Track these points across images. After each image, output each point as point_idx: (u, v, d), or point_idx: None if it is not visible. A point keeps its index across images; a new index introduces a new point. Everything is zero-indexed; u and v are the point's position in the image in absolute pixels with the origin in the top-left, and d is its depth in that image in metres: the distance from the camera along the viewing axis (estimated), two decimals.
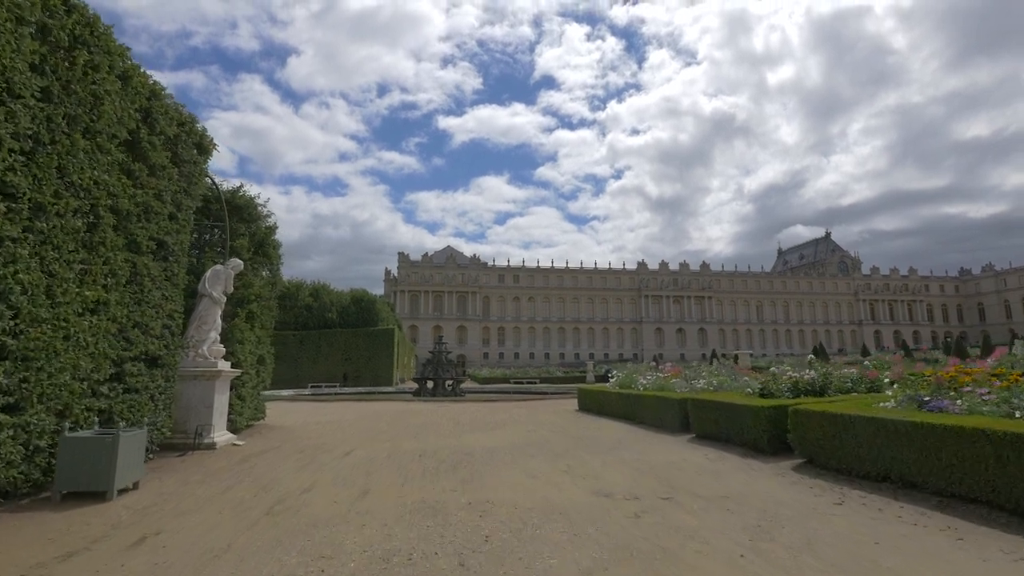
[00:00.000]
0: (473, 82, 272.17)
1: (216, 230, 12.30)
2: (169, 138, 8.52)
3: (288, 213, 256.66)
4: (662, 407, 10.72)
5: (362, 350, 41.54)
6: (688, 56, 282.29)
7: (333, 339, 41.78)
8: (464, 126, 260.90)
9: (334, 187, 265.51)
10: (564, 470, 7.12)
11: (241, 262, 10.71)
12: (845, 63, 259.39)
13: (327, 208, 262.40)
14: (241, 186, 13.34)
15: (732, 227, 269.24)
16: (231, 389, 11.41)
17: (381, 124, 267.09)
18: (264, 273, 14.26)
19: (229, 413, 11.07)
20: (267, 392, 29.67)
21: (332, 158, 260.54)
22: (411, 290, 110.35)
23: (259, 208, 13.71)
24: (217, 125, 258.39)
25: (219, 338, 10.38)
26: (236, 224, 12.97)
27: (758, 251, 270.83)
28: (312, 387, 37.31)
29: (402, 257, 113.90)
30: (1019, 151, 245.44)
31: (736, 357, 45.50)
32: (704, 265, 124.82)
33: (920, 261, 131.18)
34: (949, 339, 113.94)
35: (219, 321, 10.26)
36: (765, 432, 7.33)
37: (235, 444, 9.87)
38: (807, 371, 8.92)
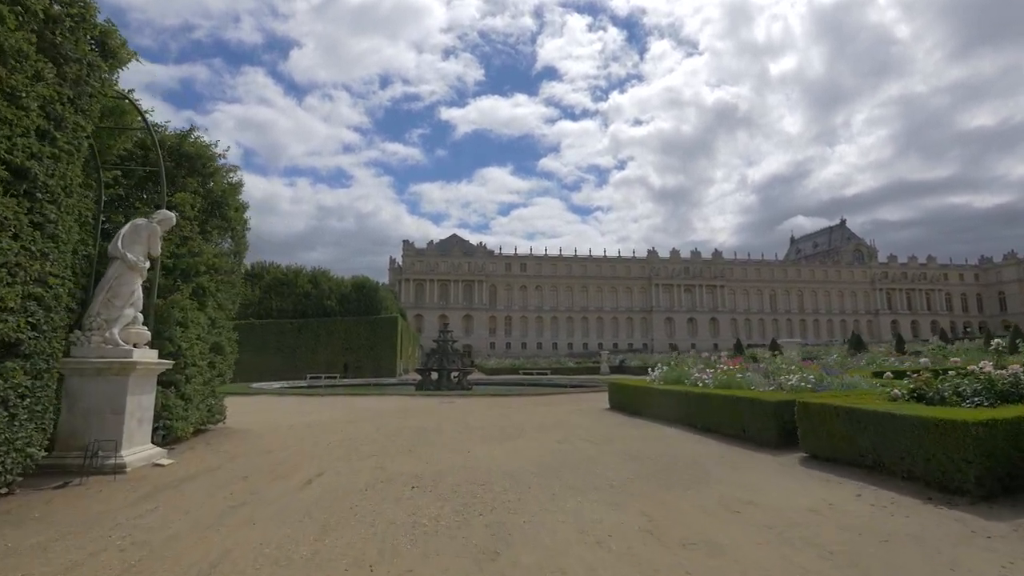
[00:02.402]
0: (475, 73, 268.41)
1: (151, 183, 9.51)
2: (38, 16, 5.70)
3: (293, 205, 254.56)
4: (747, 412, 7.87)
5: (363, 339, 39.07)
6: (690, 47, 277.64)
7: (333, 328, 39.32)
8: (467, 117, 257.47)
9: (338, 179, 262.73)
10: (645, 528, 4.31)
11: (172, 214, 7.91)
12: (847, 53, 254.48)
13: (331, 200, 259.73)
14: (192, 130, 10.54)
15: (736, 218, 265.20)
16: (169, 387, 8.69)
17: (384, 116, 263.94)
18: (226, 243, 11.51)
19: (164, 418, 8.36)
20: (256, 384, 27.13)
21: (336, 150, 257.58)
22: (416, 279, 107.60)
23: (217, 161, 10.91)
24: (221, 118, 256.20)
25: (141, 318, 7.61)
26: (185, 178, 10.19)
27: (762, 242, 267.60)
28: (311, 378, 34.86)
29: (407, 245, 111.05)
30: None
31: (772, 345, 42.47)
32: (716, 253, 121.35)
33: (925, 251, 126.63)
34: (969, 329, 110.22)
35: (139, 294, 7.49)
36: (971, 464, 4.50)
37: (158, 464, 7.12)
38: (988, 365, 6.03)
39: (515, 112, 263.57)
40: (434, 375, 25.53)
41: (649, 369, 13.14)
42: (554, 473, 6.45)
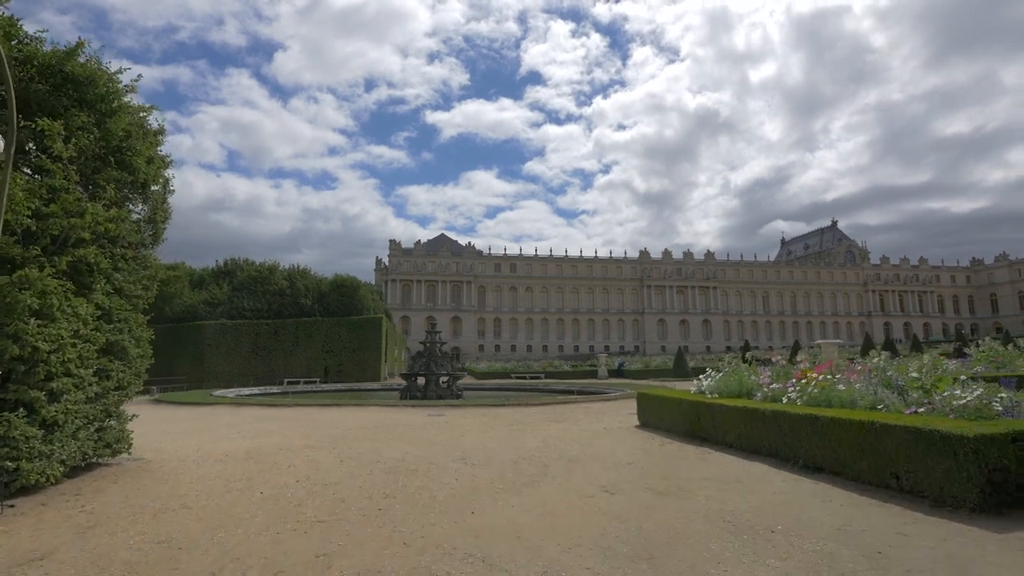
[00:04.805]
0: (460, 77, 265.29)
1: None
2: None
3: (278, 207, 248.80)
4: (906, 449, 5.04)
5: (345, 342, 35.96)
6: (671, 53, 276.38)
7: (313, 329, 36.16)
8: (452, 121, 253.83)
9: (324, 181, 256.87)
10: None
11: None
12: (826, 61, 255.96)
13: (317, 202, 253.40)
14: (81, 45, 7.52)
15: (719, 221, 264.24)
16: (16, 409, 5.72)
17: (369, 119, 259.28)
18: (139, 208, 8.52)
19: (3, 457, 5.39)
20: (219, 392, 23.88)
21: (321, 152, 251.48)
22: (403, 279, 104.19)
23: (124, 96, 7.93)
24: (205, 119, 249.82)
25: None
26: (68, 110, 7.21)
27: (745, 245, 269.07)
28: (288, 383, 31.78)
29: (394, 245, 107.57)
30: (999, 148, 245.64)
31: (794, 349, 39.90)
32: (709, 254, 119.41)
33: (905, 254, 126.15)
34: (962, 331, 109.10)
35: None
36: None
37: None
38: None
39: (500, 116, 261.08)
40: (421, 380, 22.59)
41: (699, 376, 10.30)
42: (632, 571, 3.58)
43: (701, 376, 10.13)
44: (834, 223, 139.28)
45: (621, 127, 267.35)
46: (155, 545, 4.31)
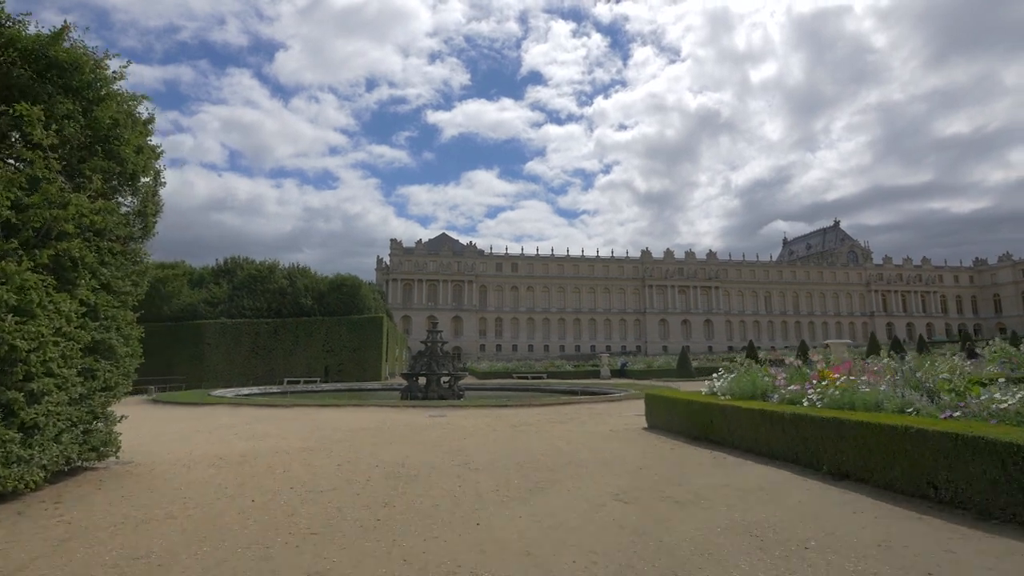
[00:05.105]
0: (461, 77, 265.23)
1: None
2: None
3: (280, 206, 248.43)
4: (946, 457, 4.66)
5: (346, 341, 35.62)
6: (672, 53, 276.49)
7: (313, 328, 35.83)
8: (453, 120, 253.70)
9: (325, 180, 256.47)
10: None
11: None
12: (826, 61, 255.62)
13: (318, 201, 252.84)
14: (66, 28, 7.18)
15: (720, 221, 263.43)
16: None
17: (371, 118, 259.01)
18: (128, 201, 8.17)
19: None
20: (217, 391, 23.55)
21: (323, 152, 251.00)
22: (404, 279, 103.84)
23: (113, 84, 7.59)
24: (207, 119, 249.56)
25: None
26: (53, 97, 6.87)
27: (746, 245, 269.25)
28: (288, 382, 31.50)
29: (395, 244, 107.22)
30: (1000, 148, 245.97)
31: (801, 349, 39.44)
32: (711, 254, 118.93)
33: (906, 254, 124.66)
34: (965, 331, 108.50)
35: None
36: None
37: None
38: None
39: (501, 116, 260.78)
40: (422, 380, 22.26)
41: (711, 376, 9.93)
42: None
43: (713, 376, 9.77)
44: (836, 223, 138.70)
45: (622, 127, 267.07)
46: (133, 561, 3.95)
